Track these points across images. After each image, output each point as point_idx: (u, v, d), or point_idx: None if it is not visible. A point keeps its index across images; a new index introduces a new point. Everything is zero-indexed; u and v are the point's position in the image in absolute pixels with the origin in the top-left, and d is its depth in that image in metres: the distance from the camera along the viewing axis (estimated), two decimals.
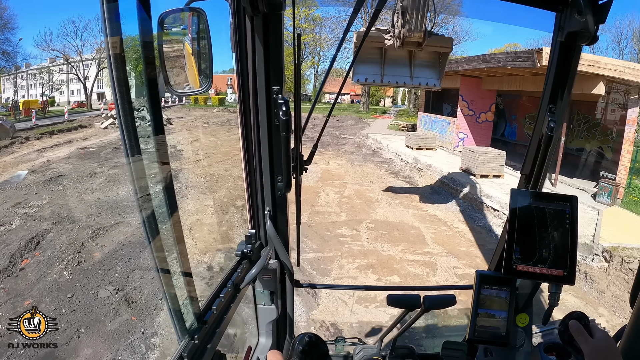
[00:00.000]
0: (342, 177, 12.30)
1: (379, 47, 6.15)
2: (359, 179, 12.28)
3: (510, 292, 1.64)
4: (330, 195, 10.05)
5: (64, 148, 17.63)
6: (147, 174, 0.95)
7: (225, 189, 11.11)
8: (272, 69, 1.47)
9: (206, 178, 12.04)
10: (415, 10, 4.88)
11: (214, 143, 18.61)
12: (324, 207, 9.21)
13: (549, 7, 1.50)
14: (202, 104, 40.71)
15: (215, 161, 14.18)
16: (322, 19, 45.54)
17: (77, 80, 41.63)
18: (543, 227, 1.45)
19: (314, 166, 13.70)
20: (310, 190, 10.36)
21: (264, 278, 1.77)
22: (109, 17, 0.80)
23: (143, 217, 0.97)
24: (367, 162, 15.25)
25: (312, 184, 11.10)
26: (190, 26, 1.24)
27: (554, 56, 1.55)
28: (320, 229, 7.83)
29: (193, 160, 14.55)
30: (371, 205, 9.49)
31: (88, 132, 24.13)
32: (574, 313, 1.25)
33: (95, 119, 26.71)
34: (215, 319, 1.30)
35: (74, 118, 27.79)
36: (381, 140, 19.10)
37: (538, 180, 1.72)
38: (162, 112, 1.27)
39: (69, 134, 21.88)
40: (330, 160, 15.31)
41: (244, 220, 8.29)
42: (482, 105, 15.30)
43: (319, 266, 6.35)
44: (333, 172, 12.93)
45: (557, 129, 1.53)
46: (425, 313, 1.67)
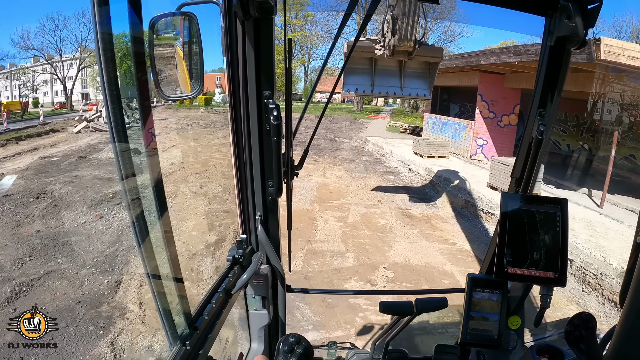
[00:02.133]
0: (342, 195, 10.16)
1: (369, 57, 6.12)
2: (364, 196, 10.16)
3: (502, 295, 1.67)
4: (331, 224, 7.90)
5: (26, 157, 15.99)
6: (138, 179, 0.93)
7: (214, 194, 9.93)
8: (263, 74, 1.48)
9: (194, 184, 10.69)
10: (405, 19, 4.87)
11: (194, 149, 16.48)
12: (323, 242, 7.06)
13: (539, 12, 1.53)
14: (187, 104, 38.46)
15: (199, 171, 12.01)
16: (314, 15, 44.58)
17: (58, 81, 40.11)
18: (534, 230, 1.47)
19: (307, 180, 11.56)
20: (305, 217, 8.21)
21: (255, 283, 1.77)
22: (100, 20, 0.80)
23: (133, 221, 0.95)
24: (369, 172, 13.13)
25: (306, 207, 8.95)
26: (181, 30, 1.24)
27: (544, 60, 1.58)
28: (321, 281, 5.70)
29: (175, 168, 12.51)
30: (385, 238, 7.37)
31: (59, 137, 22.55)
32: (582, 314, 1.22)
33: (70, 122, 24.77)
34: (207, 324, 1.29)
35: (49, 121, 26.14)
36: (383, 145, 16.98)
37: (528, 184, 1.73)
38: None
39: (38, 140, 20.53)
40: (327, 170, 13.16)
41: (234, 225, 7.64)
42: (504, 106, 13.10)
43: None
44: (331, 188, 10.78)
45: (546, 132, 1.57)
46: (418, 316, 1.65)
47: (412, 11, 4.90)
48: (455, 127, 14.91)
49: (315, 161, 14.67)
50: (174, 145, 17.12)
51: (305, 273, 5.89)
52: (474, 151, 13.75)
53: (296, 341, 1.23)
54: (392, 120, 30.57)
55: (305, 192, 10.14)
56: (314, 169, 13.17)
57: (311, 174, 12.40)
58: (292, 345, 1.22)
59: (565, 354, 1.39)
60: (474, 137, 13.60)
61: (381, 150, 16.38)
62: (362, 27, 1.67)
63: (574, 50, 1.52)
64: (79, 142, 19.93)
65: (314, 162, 14.51)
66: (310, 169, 13.13)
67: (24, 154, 16.14)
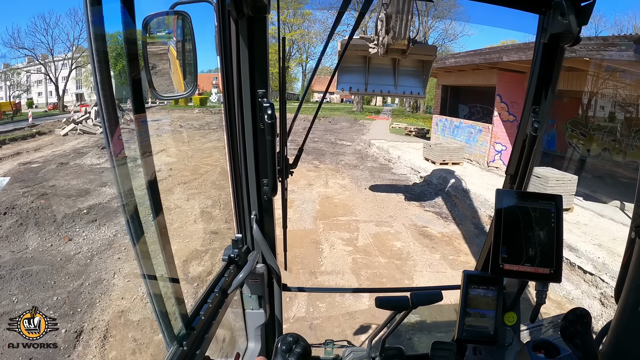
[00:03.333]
0: (349, 209, 8.99)
1: (363, 55, 6.11)
2: (373, 210, 8.99)
3: (498, 292, 1.69)
4: (338, 249, 6.73)
5: (6, 163, 15.23)
6: (132, 179, 0.93)
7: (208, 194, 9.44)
8: (257, 72, 1.47)
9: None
10: (399, 17, 4.86)
11: (185, 152, 15.33)
12: (331, 274, 5.89)
13: (533, 10, 1.54)
14: (182, 104, 37.29)
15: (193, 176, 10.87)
16: (312, 13, 44.08)
17: (50, 81, 39.46)
18: (529, 227, 1.48)
19: (308, 191, 10.39)
20: (307, 239, 7.05)
21: (251, 282, 1.78)
22: (93, 20, 0.80)
23: (128, 222, 0.96)
24: (376, 180, 11.98)
25: (308, 226, 7.78)
26: (174, 29, 1.24)
27: (538, 57, 1.59)
28: (331, 331, 4.54)
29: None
30: (403, 267, 6.21)
31: (45, 140, 21.67)
32: (577, 310, 1.24)
33: (59, 124, 23.69)
34: (204, 324, 1.30)
35: (38, 123, 24.94)
36: (389, 149, 15.83)
37: (523, 180, 1.74)
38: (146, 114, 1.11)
39: (22, 144, 19.48)
40: (329, 179, 11.98)
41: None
42: None
43: None
44: (335, 201, 9.61)
45: (541, 129, 1.59)
46: (414, 312, 1.67)
47: (406, 9, 4.85)
48: (470, 130, 13.69)
49: (316, 167, 13.50)
50: (163, 149, 15.96)
51: (310, 320, 4.73)
52: (492, 157, 12.53)
53: (294, 340, 1.21)
54: (394, 122, 29.44)
55: (307, 206, 8.97)
56: (315, 177, 12.00)
57: (312, 184, 11.23)
58: (291, 345, 1.20)
59: (561, 349, 1.40)
60: (491, 142, 12.35)
61: (387, 155, 15.22)
62: (355, 25, 1.62)
63: (567, 47, 1.53)
64: (65, 146, 19.02)
65: (314, 168, 13.34)
66: (311, 177, 11.96)
67: (5, 159, 15.12)
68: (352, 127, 27.51)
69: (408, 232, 7.69)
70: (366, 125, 28.71)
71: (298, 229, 7.46)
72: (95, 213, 8.75)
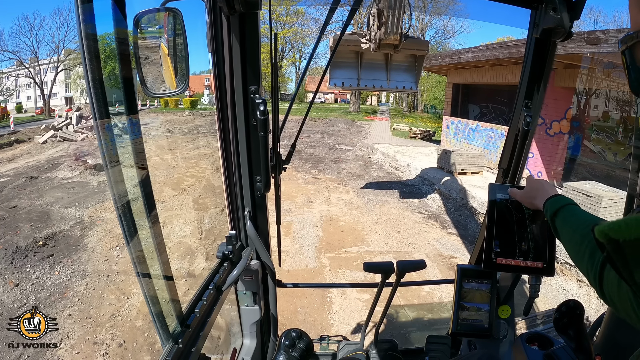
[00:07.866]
0: (358, 236, 7.50)
1: (355, 50, 6.12)
2: (388, 236, 7.53)
3: (492, 285, 1.72)
4: (351, 298, 5.25)
5: None
6: (125, 178, 0.92)
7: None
8: (249, 69, 1.46)
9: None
10: (391, 12, 4.86)
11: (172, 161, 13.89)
12: None
13: (525, 5, 1.53)
14: (172, 107, 35.69)
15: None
16: (305, 12, 42.95)
17: (35, 85, 38.16)
18: (521, 220, 1.46)
19: (308, 210, 8.89)
20: (310, 283, 5.58)
21: (245, 279, 1.76)
22: (84, 18, 0.78)
23: (122, 222, 0.93)
24: (385, 193, 10.50)
25: (311, 262, 6.29)
26: (166, 26, 1.22)
27: (529, 52, 1.58)
28: None
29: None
30: (435, 325, 4.75)
31: (22, 148, 20.26)
32: (570, 302, 1.24)
33: (39, 131, 22.31)
34: (199, 322, 1.28)
35: (20, 129, 23.82)
36: (395, 155, 14.36)
37: (516, 174, 1.75)
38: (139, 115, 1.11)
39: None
40: (332, 193, 10.48)
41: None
42: (554, 110, 10.28)
43: None
44: (341, 224, 8.10)
45: (532, 123, 1.60)
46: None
47: (398, 4, 4.83)
48: (489, 134, 12.24)
49: (315, 178, 12.01)
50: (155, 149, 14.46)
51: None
52: None
53: (297, 336, 1.24)
54: (395, 123, 28.00)
55: (308, 232, 7.47)
56: (315, 191, 10.51)
57: (312, 200, 9.75)
58: (294, 340, 1.22)
59: (554, 341, 1.44)
60: None
61: (394, 162, 13.75)
62: (347, 21, 1.54)
63: (559, 41, 1.51)
64: (41, 156, 17.59)
65: (314, 179, 11.85)
66: (310, 191, 10.47)
67: None
68: (351, 128, 26.10)
69: (434, 265, 6.25)
70: (365, 126, 27.27)
71: (299, 268, 6.00)
72: (53, 245, 7.25)
